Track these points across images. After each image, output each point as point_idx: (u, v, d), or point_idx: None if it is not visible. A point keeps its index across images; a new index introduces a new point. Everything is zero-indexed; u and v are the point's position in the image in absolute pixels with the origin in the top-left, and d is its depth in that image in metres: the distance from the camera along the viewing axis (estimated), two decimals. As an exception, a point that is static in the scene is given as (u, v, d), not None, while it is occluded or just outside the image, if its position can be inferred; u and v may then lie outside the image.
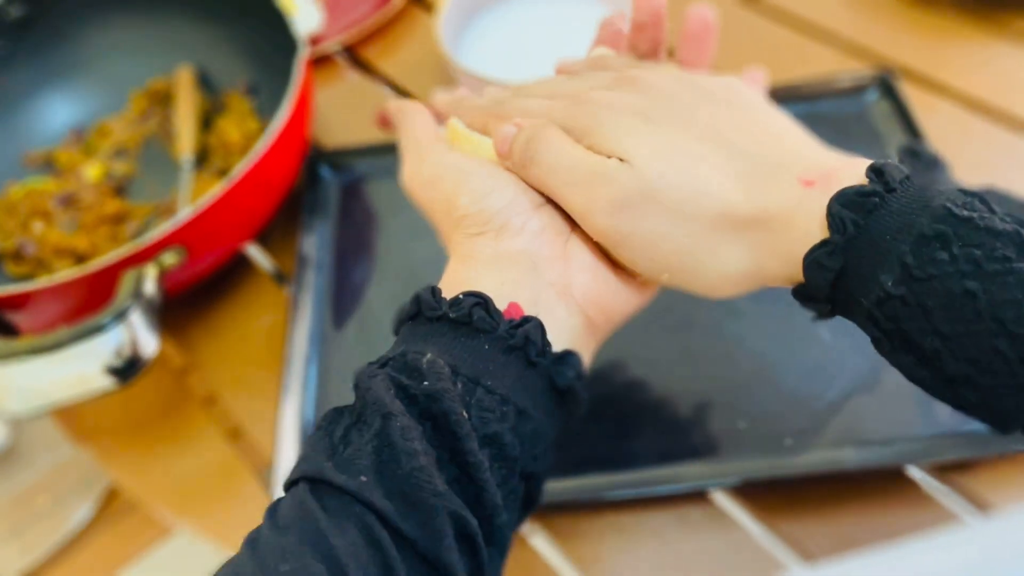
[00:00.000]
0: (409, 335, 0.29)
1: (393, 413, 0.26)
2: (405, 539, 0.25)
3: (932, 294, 0.24)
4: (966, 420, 0.41)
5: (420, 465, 0.25)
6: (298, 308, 0.50)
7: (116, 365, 0.40)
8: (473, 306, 0.28)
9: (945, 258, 0.24)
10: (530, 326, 0.28)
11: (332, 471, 0.25)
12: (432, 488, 0.25)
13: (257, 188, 0.48)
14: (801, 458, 0.41)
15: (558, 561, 0.41)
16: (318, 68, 0.66)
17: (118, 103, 0.63)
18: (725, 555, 0.40)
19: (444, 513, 0.25)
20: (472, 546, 0.26)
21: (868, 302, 0.26)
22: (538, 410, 0.28)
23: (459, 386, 0.27)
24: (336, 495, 0.25)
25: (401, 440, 0.25)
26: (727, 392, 0.44)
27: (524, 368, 0.28)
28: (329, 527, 0.24)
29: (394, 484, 0.25)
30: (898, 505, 0.40)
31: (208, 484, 0.47)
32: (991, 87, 0.56)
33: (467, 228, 0.31)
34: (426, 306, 0.29)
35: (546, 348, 0.28)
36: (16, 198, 0.58)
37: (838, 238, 0.26)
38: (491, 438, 0.27)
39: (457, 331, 0.28)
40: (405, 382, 0.27)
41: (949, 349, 0.25)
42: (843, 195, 0.26)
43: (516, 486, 0.28)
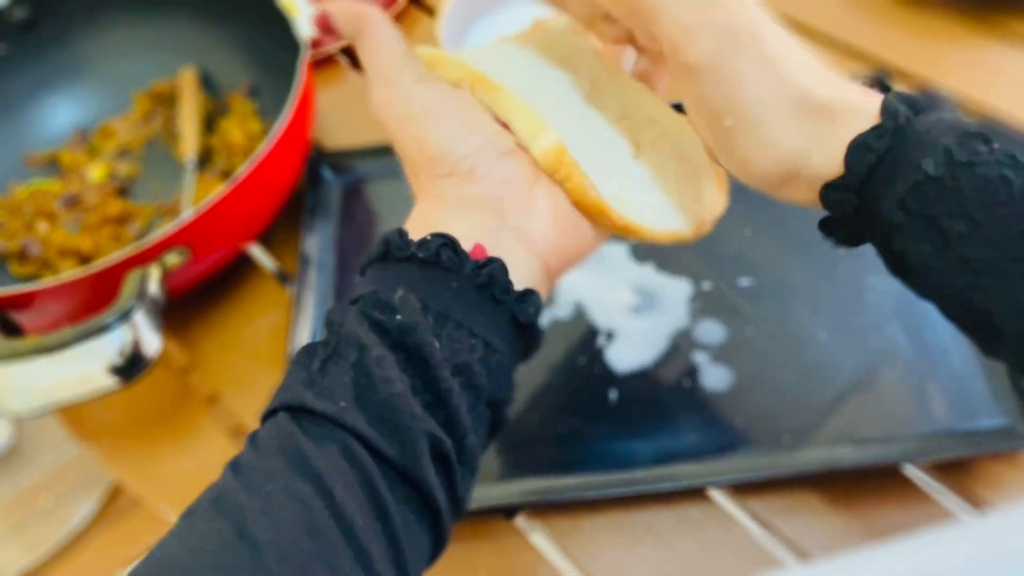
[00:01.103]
0: (378, 275, 0.30)
1: (368, 345, 0.27)
2: (385, 459, 0.26)
3: (971, 177, 0.26)
4: (963, 418, 0.42)
5: (397, 391, 0.26)
6: (300, 308, 0.50)
7: (119, 364, 0.40)
8: (440, 246, 0.29)
9: (985, 150, 0.27)
10: (494, 266, 0.29)
11: (312, 399, 0.26)
12: (409, 411, 0.26)
13: (260, 189, 0.48)
14: (799, 456, 0.42)
15: (558, 559, 0.41)
16: (320, 70, 0.67)
17: (121, 104, 0.63)
18: (723, 552, 0.40)
19: (421, 434, 0.26)
20: (446, 465, 0.27)
21: (904, 186, 0.28)
22: (503, 343, 0.30)
23: (430, 320, 0.28)
24: (317, 421, 0.26)
25: (377, 369, 0.26)
26: (725, 390, 0.44)
27: (489, 305, 0.29)
28: (312, 450, 0.25)
29: (373, 409, 0.26)
30: (895, 503, 0.41)
31: (210, 482, 0.47)
32: (987, 89, 0.57)
33: (435, 169, 0.32)
34: (394, 247, 0.30)
35: (509, 287, 0.30)
36: (20, 199, 0.58)
37: (890, 123, 0.28)
38: (461, 368, 0.28)
39: (426, 270, 0.29)
40: (378, 317, 0.28)
41: (974, 233, 0.26)
42: (898, 94, 0.29)
43: (483, 412, 0.29)
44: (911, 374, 0.44)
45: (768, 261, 0.49)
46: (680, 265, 0.50)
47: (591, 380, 0.46)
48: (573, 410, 0.45)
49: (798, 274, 0.48)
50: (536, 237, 0.32)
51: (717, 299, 0.48)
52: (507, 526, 0.42)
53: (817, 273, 0.48)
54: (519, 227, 0.31)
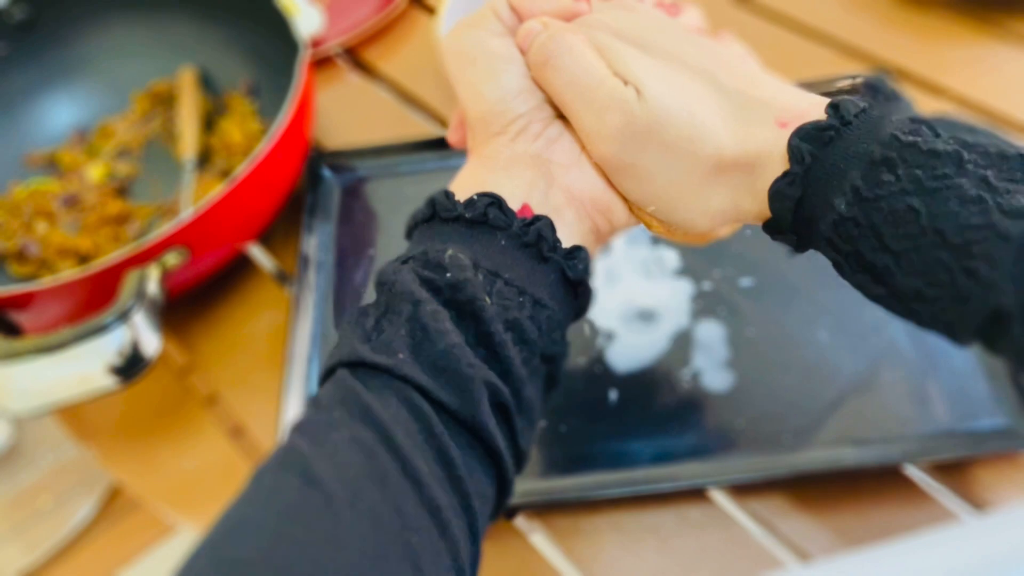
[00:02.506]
0: (426, 235, 0.31)
1: (422, 300, 0.27)
2: (445, 408, 0.27)
3: (879, 212, 0.26)
4: (963, 419, 0.42)
5: (453, 342, 0.27)
6: (300, 308, 0.50)
7: (118, 365, 0.40)
8: (488, 206, 0.30)
9: (891, 179, 0.26)
10: (541, 224, 0.30)
11: (370, 353, 0.27)
12: (467, 361, 0.27)
13: (259, 189, 0.48)
14: (799, 456, 0.42)
15: (558, 559, 0.41)
16: (319, 70, 0.67)
17: (121, 104, 0.63)
18: (724, 553, 0.40)
19: (479, 382, 0.27)
20: (506, 413, 0.28)
21: (825, 226, 0.28)
22: (553, 300, 0.30)
23: (480, 278, 0.29)
24: (376, 374, 0.27)
25: (432, 322, 0.27)
26: (726, 391, 0.44)
27: (537, 263, 0.30)
28: (373, 400, 0.26)
29: (430, 360, 0.27)
30: (895, 503, 0.40)
31: (210, 483, 0.47)
32: (988, 88, 0.57)
33: (489, 126, 0.32)
34: (441, 208, 0.31)
35: (557, 244, 0.30)
36: (19, 199, 0.58)
37: (798, 168, 0.28)
38: (512, 323, 0.28)
39: (473, 229, 0.30)
40: (429, 275, 0.28)
41: (899, 265, 0.26)
42: (802, 130, 0.28)
43: (538, 366, 0.30)
44: (911, 374, 0.44)
45: (768, 261, 0.49)
46: (680, 265, 0.50)
47: (591, 380, 0.46)
48: (573, 410, 0.45)
49: (798, 274, 0.48)
50: (584, 196, 0.32)
51: (717, 299, 0.48)
52: (507, 526, 0.42)
53: (817, 273, 0.48)
54: (569, 186, 0.32)
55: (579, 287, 0.31)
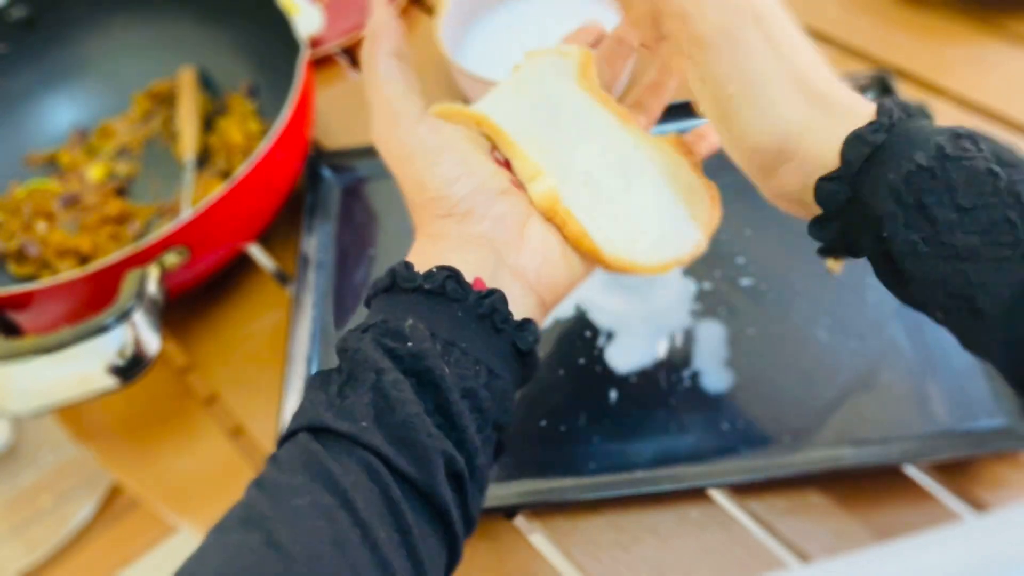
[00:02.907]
0: (386, 305, 0.32)
1: (384, 368, 0.28)
2: (404, 477, 0.27)
3: (960, 169, 0.28)
4: (963, 419, 0.42)
5: (414, 412, 0.28)
6: (300, 308, 0.50)
7: (118, 365, 0.40)
8: (446, 278, 0.31)
9: (973, 148, 0.28)
10: (495, 297, 0.31)
11: (333, 419, 0.28)
12: (426, 431, 0.28)
13: (259, 189, 0.48)
14: (799, 456, 0.42)
15: (558, 559, 0.41)
16: (319, 70, 0.67)
17: (121, 104, 0.63)
18: (724, 553, 0.40)
19: (437, 452, 0.28)
20: (460, 482, 0.29)
21: (896, 177, 0.29)
22: (504, 369, 0.31)
23: (438, 347, 0.30)
24: (338, 440, 0.28)
25: (394, 391, 0.28)
26: (726, 391, 0.44)
27: (491, 334, 0.31)
28: (335, 467, 0.27)
29: (391, 430, 0.28)
30: (895, 503, 0.40)
31: (210, 483, 0.47)
32: (988, 89, 0.56)
33: (435, 210, 0.34)
34: (401, 278, 0.32)
35: (509, 316, 0.31)
36: (19, 199, 0.58)
37: (885, 120, 0.30)
38: (468, 392, 0.30)
39: (432, 300, 0.31)
40: (390, 344, 0.29)
41: (963, 221, 0.28)
42: (893, 99, 0.31)
43: (490, 434, 0.31)
44: (911, 374, 0.44)
45: (768, 261, 0.49)
46: (680, 265, 0.50)
47: (591, 380, 0.46)
48: (573, 410, 0.45)
49: (798, 274, 0.48)
50: (529, 274, 0.33)
51: (717, 299, 0.48)
52: (507, 526, 0.42)
53: (817, 273, 0.48)
54: (514, 264, 0.33)
55: (527, 358, 0.32)
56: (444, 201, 0.33)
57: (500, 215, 0.34)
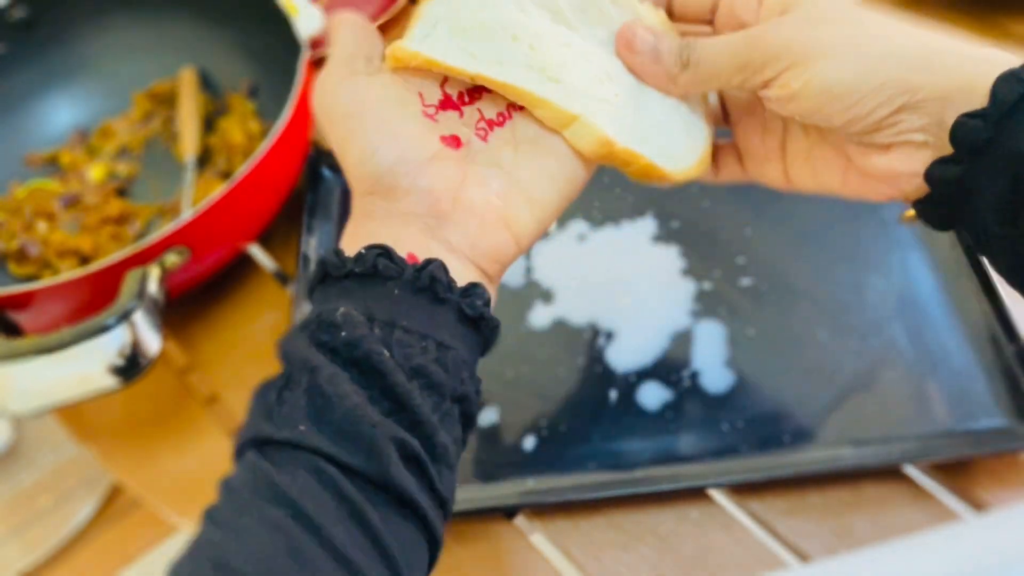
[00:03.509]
0: (321, 297, 0.30)
1: (318, 366, 0.27)
2: (355, 471, 0.26)
3: None
4: (963, 419, 0.42)
5: (354, 403, 0.26)
6: (300, 308, 0.50)
7: (119, 365, 0.40)
8: (377, 256, 0.29)
9: None
10: (433, 266, 0.29)
11: (273, 429, 0.27)
12: (368, 420, 0.26)
13: (259, 189, 0.48)
14: (799, 457, 0.42)
15: (558, 559, 0.41)
16: (319, 70, 0.67)
17: (121, 104, 0.63)
18: (723, 553, 0.40)
19: (385, 439, 0.26)
20: (419, 465, 0.27)
21: None
22: (455, 340, 0.29)
23: (376, 331, 0.28)
24: (281, 449, 0.27)
25: (330, 387, 0.27)
26: (726, 391, 0.44)
27: (434, 305, 0.29)
28: (281, 477, 0.26)
29: (333, 426, 0.26)
30: (895, 503, 0.40)
31: (210, 483, 0.47)
32: (989, 88, 0.56)
33: (358, 185, 0.32)
34: (331, 267, 0.30)
35: (452, 284, 0.29)
36: (20, 199, 0.58)
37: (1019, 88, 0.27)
38: (417, 370, 0.28)
39: (365, 283, 0.29)
40: (323, 338, 0.28)
41: None
42: None
43: (450, 409, 0.29)
44: (911, 374, 0.44)
45: (768, 261, 0.49)
46: (681, 265, 0.50)
47: (591, 380, 0.46)
48: (573, 410, 0.45)
49: (798, 274, 0.48)
50: (464, 246, 0.31)
51: (717, 299, 0.48)
52: (507, 526, 0.42)
53: (817, 273, 0.48)
54: (446, 239, 0.31)
55: (480, 323, 0.30)
56: (366, 176, 0.31)
57: (427, 187, 0.30)
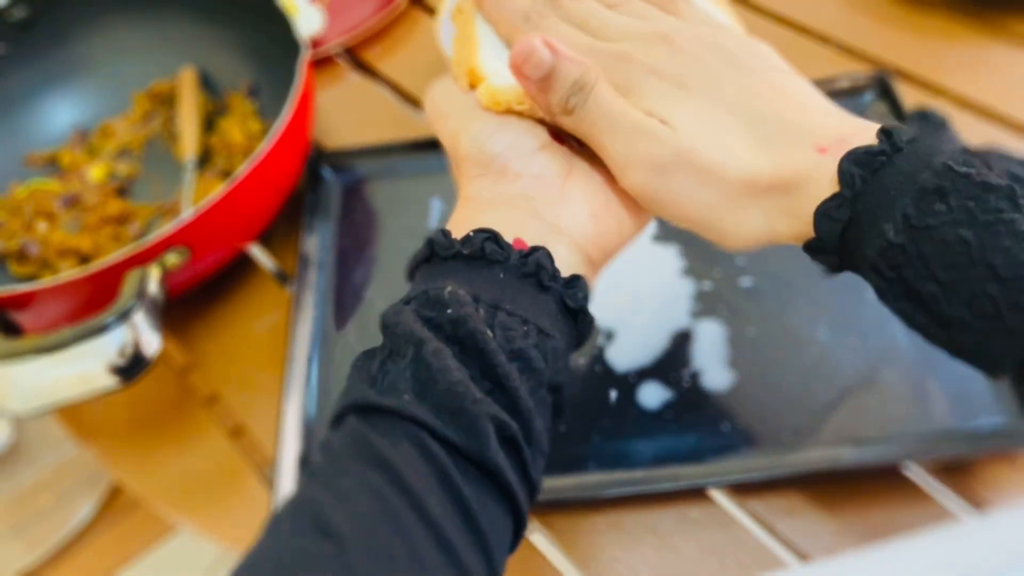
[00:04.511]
0: (427, 275, 0.31)
1: (424, 339, 0.28)
2: (453, 446, 0.27)
3: (929, 242, 0.26)
4: (963, 418, 0.42)
5: (457, 379, 0.27)
6: (300, 308, 0.50)
7: (119, 364, 0.40)
8: (484, 240, 0.30)
9: (943, 209, 0.26)
10: (539, 254, 0.30)
11: (376, 396, 0.27)
12: (471, 397, 0.27)
13: (259, 189, 0.48)
14: (799, 456, 0.42)
15: (557, 559, 0.41)
16: (320, 70, 0.67)
17: (121, 104, 0.63)
18: (723, 553, 0.40)
19: (485, 417, 0.27)
20: (515, 447, 0.28)
21: (872, 251, 0.28)
22: (555, 329, 0.30)
23: (481, 311, 0.29)
24: (383, 417, 0.27)
25: (435, 361, 0.27)
26: (726, 390, 0.44)
27: (538, 292, 0.30)
28: (382, 443, 0.26)
29: (435, 399, 0.27)
30: (895, 503, 0.40)
31: (210, 482, 0.47)
32: (988, 89, 0.57)
33: (469, 169, 0.33)
34: (439, 246, 0.31)
35: (556, 273, 0.30)
36: (20, 198, 0.58)
37: (847, 192, 0.28)
38: (517, 353, 0.28)
39: (472, 265, 0.30)
40: (429, 314, 0.29)
41: (945, 294, 0.27)
42: (854, 154, 0.28)
43: (544, 395, 0.30)
44: (911, 374, 0.44)
45: (768, 261, 0.49)
46: (681, 265, 0.50)
47: (591, 380, 0.46)
48: (573, 410, 0.45)
49: (798, 274, 0.48)
50: (573, 231, 0.32)
51: (717, 299, 0.48)
52: (507, 526, 0.42)
53: (817, 273, 0.48)
54: (555, 222, 0.32)
55: (579, 315, 0.31)
56: (477, 159, 0.33)
57: (538, 172, 0.32)
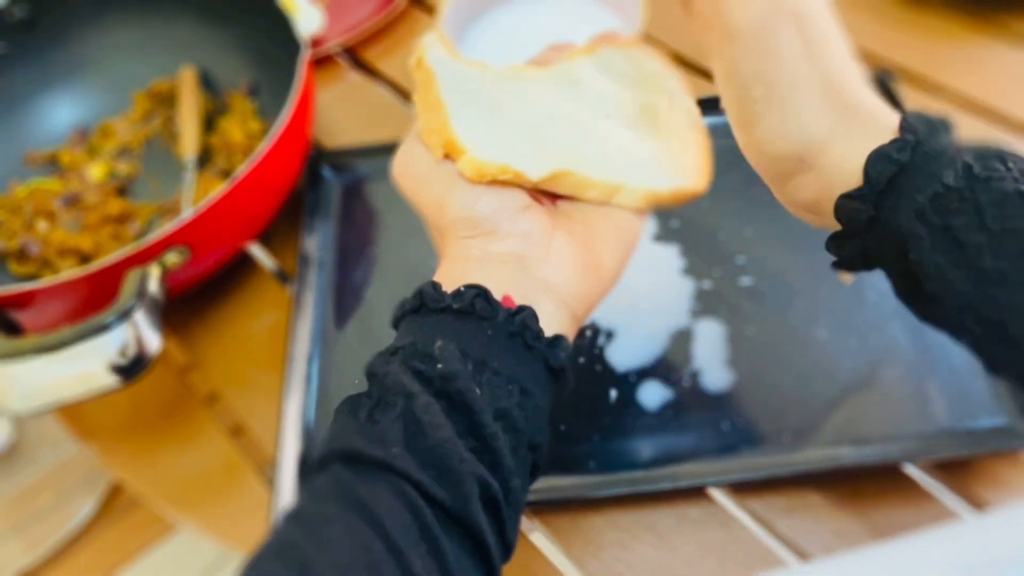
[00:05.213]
0: (415, 326, 0.31)
1: (414, 392, 0.28)
2: (437, 503, 0.27)
3: (989, 191, 0.27)
4: (963, 418, 0.42)
5: (446, 436, 0.27)
6: (300, 307, 0.50)
7: (120, 364, 0.40)
8: (475, 297, 0.30)
9: (1002, 168, 0.28)
10: (525, 314, 0.30)
11: (364, 445, 0.27)
12: (458, 456, 0.27)
13: (259, 188, 0.48)
14: (799, 456, 0.42)
15: (557, 558, 0.41)
16: (319, 69, 0.67)
17: (121, 104, 0.63)
18: (723, 552, 0.40)
19: (471, 478, 0.27)
20: (495, 507, 0.28)
21: (922, 197, 0.28)
22: (537, 388, 0.31)
23: (470, 367, 0.29)
24: (370, 467, 0.27)
25: (425, 415, 0.27)
26: (726, 390, 0.44)
27: (523, 351, 0.30)
28: (368, 494, 0.26)
29: (423, 455, 0.27)
30: (895, 502, 0.41)
31: (210, 481, 0.47)
32: (988, 88, 0.57)
33: (458, 231, 0.33)
34: (429, 299, 0.31)
35: (540, 333, 0.31)
36: (20, 198, 0.58)
37: (911, 137, 0.29)
38: (501, 412, 0.29)
39: (461, 320, 0.30)
40: (420, 366, 0.29)
41: (992, 244, 0.27)
42: (917, 113, 0.29)
43: (524, 455, 0.30)
44: (911, 374, 0.44)
45: (768, 261, 0.49)
46: (681, 264, 0.50)
47: (591, 380, 0.46)
48: (573, 410, 0.45)
49: (798, 274, 0.48)
50: (560, 287, 0.33)
51: (717, 299, 0.48)
52: (507, 525, 0.42)
53: (817, 273, 0.48)
54: (543, 279, 0.32)
55: (561, 375, 0.32)
56: (466, 221, 0.33)
57: (526, 232, 0.33)
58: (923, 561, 0.36)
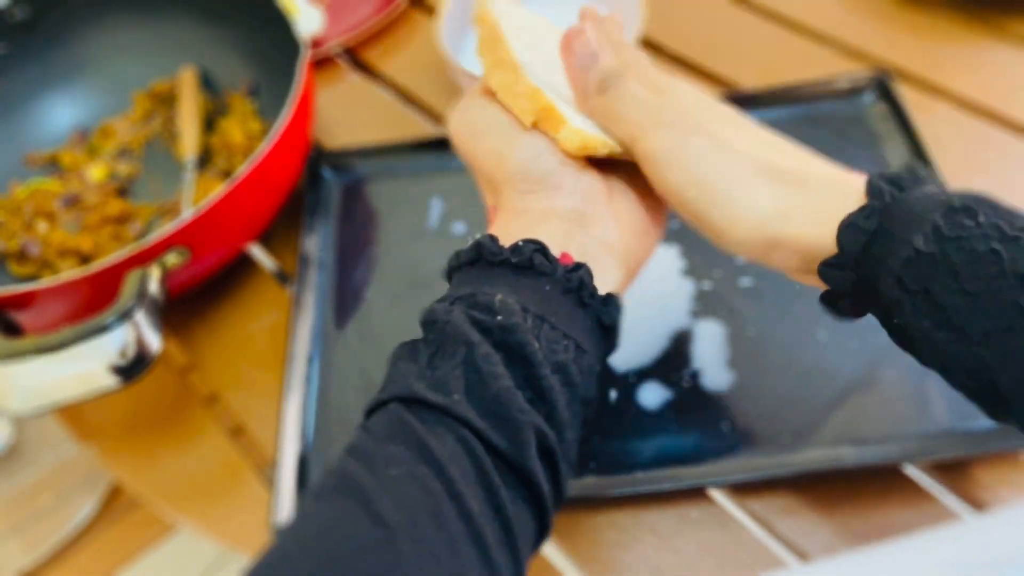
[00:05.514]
0: (472, 278, 0.32)
1: (475, 342, 0.28)
2: (496, 450, 0.27)
3: (960, 252, 0.27)
4: (963, 418, 0.42)
5: (505, 386, 0.28)
6: (300, 307, 0.50)
7: (120, 364, 0.40)
8: (534, 252, 0.31)
9: (972, 224, 0.27)
10: (583, 271, 0.31)
11: (425, 390, 0.28)
12: (517, 406, 0.27)
13: (259, 189, 0.48)
14: (799, 456, 0.42)
15: (557, 558, 0.41)
16: (320, 70, 0.67)
17: (121, 104, 0.63)
18: (723, 552, 0.40)
19: (529, 427, 0.27)
20: (551, 457, 0.29)
21: (897, 263, 0.28)
22: (590, 344, 0.31)
23: (528, 321, 0.29)
24: (431, 411, 0.28)
25: (486, 365, 0.28)
26: (726, 390, 0.44)
27: (577, 308, 0.31)
28: (429, 437, 0.27)
29: (483, 403, 0.28)
30: (895, 503, 0.41)
31: (210, 482, 0.47)
32: (987, 89, 0.57)
33: (519, 184, 0.34)
34: (488, 252, 0.31)
35: (595, 291, 0.31)
36: (20, 198, 0.58)
37: (876, 203, 0.29)
38: (559, 366, 0.29)
39: (519, 274, 0.31)
40: (480, 317, 0.29)
41: (972, 307, 0.27)
42: (882, 174, 0.30)
43: (578, 409, 0.31)
44: (911, 374, 0.44)
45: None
46: (681, 265, 0.50)
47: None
48: (573, 410, 0.45)
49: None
50: (617, 244, 0.33)
51: (717, 299, 0.48)
52: (507, 526, 0.42)
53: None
54: (602, 236, 0.33)
55: (611, 332, 0.32)
56: (527, 176, 0.33)
57: (586, 189, 0.34)
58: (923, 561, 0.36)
